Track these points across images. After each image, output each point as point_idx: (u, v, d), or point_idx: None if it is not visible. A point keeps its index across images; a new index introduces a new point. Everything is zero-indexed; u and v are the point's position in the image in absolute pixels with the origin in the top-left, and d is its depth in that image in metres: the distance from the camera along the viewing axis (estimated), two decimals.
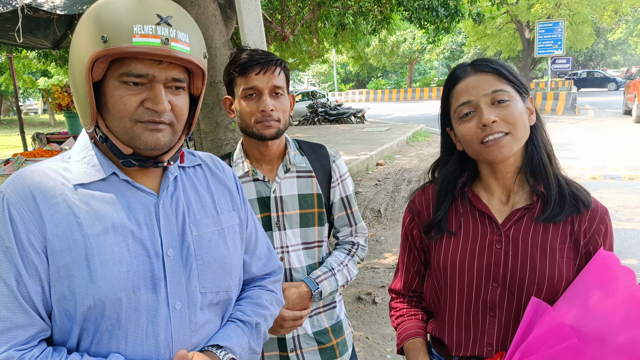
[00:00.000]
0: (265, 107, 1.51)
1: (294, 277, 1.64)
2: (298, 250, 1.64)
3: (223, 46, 3.87)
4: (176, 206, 1.09)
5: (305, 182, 1.65)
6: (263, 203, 1.62)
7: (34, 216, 0.94)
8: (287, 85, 1.60)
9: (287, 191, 1.62)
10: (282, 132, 1.57)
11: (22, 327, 0.92)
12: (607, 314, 1.05)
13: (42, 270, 0.94)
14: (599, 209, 1.19)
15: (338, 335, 1.71)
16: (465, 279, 1.23)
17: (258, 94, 1.53)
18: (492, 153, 1.15)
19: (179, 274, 1.05)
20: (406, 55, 37.57)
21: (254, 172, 1.62)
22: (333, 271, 1.65)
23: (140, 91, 0.97)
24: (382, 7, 9.29)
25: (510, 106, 1.14)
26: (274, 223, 1.62)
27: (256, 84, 1.52)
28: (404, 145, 12.50)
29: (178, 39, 0.95)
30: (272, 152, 1.63)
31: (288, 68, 1.63)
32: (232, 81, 1.60)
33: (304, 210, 1.63)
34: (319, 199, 1.65)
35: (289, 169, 1.63)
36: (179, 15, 0.98)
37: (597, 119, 16.53)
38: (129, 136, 0.99)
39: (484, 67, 1.17)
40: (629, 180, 7.66)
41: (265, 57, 1.53)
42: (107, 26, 0.92)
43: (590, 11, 26.44)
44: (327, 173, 1.68)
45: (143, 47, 0.92)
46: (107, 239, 0.97)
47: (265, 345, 1.67)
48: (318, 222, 1.66)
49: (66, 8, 4.74)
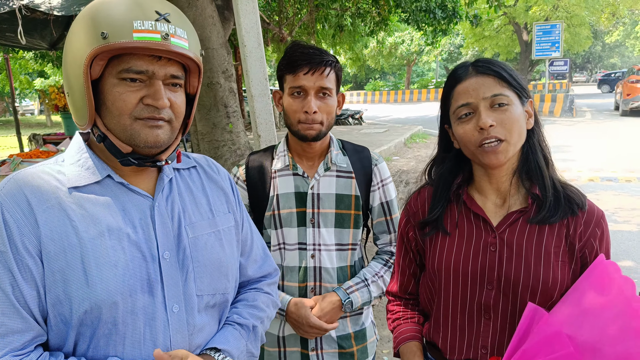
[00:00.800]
0: (308, 109, 1.52)
1: (324, 276, 1.64)
2: (331, 251, 1.64)
3: (220, 47, 3.87)
4: (172, 208, 1.08)
5: (345, 182, 1.64)
6: (300, 198, 1.63)
7: (28, 220, 0.93)
8: (337, 85, 1.60)
9: (325, 189, 1.63)
10: (324, 134, 1.58)
11: (18, 332, 0.91)
12: (604, 323, 1.04)
13: (37, 274, 0.93)
14: (595, 213, 1.19)
15: (360, 342, 1.71)
16: (459, 282, 1.23)
17: (304, 94, 1.54)
18: (488, 158, 1.15)
19: (175, 277, 1.04)
20: (404, 56, 37.62)
21: (295, 166, 1.64)
22: (366, 282, 1.64)
23: (140, 88, 0.97)
24: (380, 8, 9.31)
25: (508, 110, 1.14)
26: (309, 219, 1.62)
27: (303, 83, 1.52)
28: (402, 147, 12.50)
29: (177, 35, 0.96)
30: (315, 150, 1.64)
31: (341, 67, 1.62)
32: (282, 77, 1.60)
33: (340, 210, 1.63)
34: (357, 200, 1.65)
35: (329, 168, 1.64)
36: (175, 13, 0.99)
37: (594, 121, 16.57)
38: (129, 134, 0.98)
39: (486, 70, 1.17)
40: (626, 182, 7.68)
41: (317, 57, 1.52)
42: (106, 23, 0.91)
43: (587, 13, 26.56)
44: (368, 176, 1.67)
45: (144, 42, 0.92)
46: (102, 243, 0.96)
47: (288, 340, 1.68)
48: (354, 225, 1.65)
49: (63, 9, 4.73)
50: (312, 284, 1.64)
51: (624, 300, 1.04)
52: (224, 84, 3.85)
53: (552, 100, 19.05)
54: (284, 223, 1.64)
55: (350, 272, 1.68)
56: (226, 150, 3.94)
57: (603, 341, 1.02)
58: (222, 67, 3.85)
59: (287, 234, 1.64)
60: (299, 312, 1.58)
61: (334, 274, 1.64)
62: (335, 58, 1.58)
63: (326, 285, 1.64)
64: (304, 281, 1.64)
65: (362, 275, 1.66)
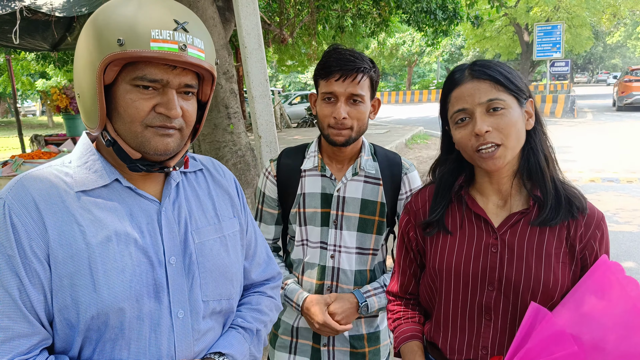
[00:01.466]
0: (338, 115, 1.52)
1: (341, 277, 1.65)
2: (351, 254, 1.65)
3: (221, 49, 3.88)
4: (178, 213, 1.07)
5: (372, 188, 1.65)
6: (325, 199, 1.65)
7: (36, 223, 0.92)
8: (372, 91, 1.59)
9: (351, 193, 1.64)
10: (353, 140, 1.58)
11: (24, 336, 0.90)
12: (608, 322, 1.04)
13: (45, 278, 0.92)
14: (595, 215, 1.19)
15: (372, 344, 1.72)
16: (460, 282, 1.23)
17: (335, 100, 1.55)
18: (486, 163, 1.15)
19: (181, 282, 1.03)
20: (405, 57, 37.63)
21: (323, 167, 1.66)
22: (385, 288, 1.65)
23: (153, 95, 0.95)
24: (380, 9, 9.32)
25: (505, 115, 1.13)
26: (332, 220, 1.64)
27: (334, 89, 1.53)
28: (403, 148, 12.49)
29: (194, 45, 0.95)
30: (345, 155, 1.65)
31: (378, 72, 1.62)
32: (316, 81, 1.62)
33: (364, 215, 1.64)
34: (382, 207, 1.65)
35: (357, 172, 1.65)
36: (193, 22, 0.97)
37: (595, 121, 16.55)
38: (139, 141, 0.97)
39: (481, 74, 1.16)
40: (627, 183, 7.67)
41: (350, 64, 1.52)
42: (123, 30, 0.90)
43: (589, 14, 26.54)
44: (397, 184, 1.67)
45: (161, 52, 0.90)
46: (110, 247, 0.96)
47: (301, 333, 1.71)
48: (377, 231, 1.66)
49: (65, 10, 4.74)
50: (329, 283, 1.66)
51: (627, 300, 1.05)
52: (225, 85, 3.86)
53: (554, 101, 19.04)
54: (308, 221, 1.67)
55: (370, 276, 1.69)
56: (227, 151, 3.95)
57: (606, 340, 1.03)
58: (223, 68, 3.86)
59: (311, 232, 1.67)
60: (314, 308, 1.60)
61: (352, 276, 1.65)
62: (371, 63, 1.58)
63: (342, 286, 1.66)
64: (321, 279, 1.66)
65: (382, 280, 1.67)
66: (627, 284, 1.07)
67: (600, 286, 1.09)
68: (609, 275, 1.09)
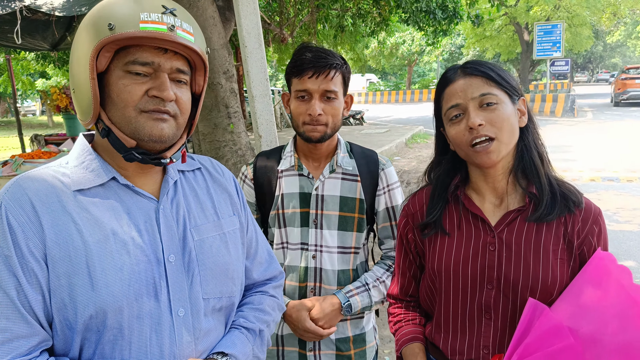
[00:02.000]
0: (313, 112, 1.53)
1: (324, 278, 1.64)
2: (333, 253, 1.64)
3: (221, 48, 3.88)
4: (177, 211, 1.07)
5: (350, 185, 1.65)
6: (304, 198, 1.64)
7: (33, 224, 0.92)
8: (344, 87, 1.60)
9: (330, 191, 1.63)
10: (329, 136, 1.59)
11: (24, 337, 0.90)
12: (604, 314, 1.05)
13: (43, 278, 0.92)
14: (592, 210, 1.19)
15: (358, 346, 1.71)
16: (460, 282, 1.23)
17: (309, 97, 1.55)
18: (480, 158, 1.16)
19: (181, 280, 1.03)
20: (405, 57, 37.60)
21: (300, 166, 1.66)
22: (367, 286, 1.64)
23: (145, 81, 0.97)
24: (380, 9, 9.32)
25: (497, 109, 1.15)
26: (312, 220, 1.63)
27: (308, 86, 1.54)
28: (403, 147, 12.50)
29: (183, 28, 0.97)
30: (321, 152, 1.65)
31: (349, 68, 1.63)
32: (289, 80, 1.62)
33: (344, 213, 1.63)
34: (361, 204, 1.64)
35: (334, 170, 1.64)
36: (181, 10, 1.00)
37: (595, 120, 16.55)
38: (133, 126, 0.97)
39: (473, 71, 1.18)
40: (627, 182, 7.67)
41: (322, 61, 1.53)
42: (114, 16, 0.93)
43: (589, 13, 26.52)
44: (374, 180, 1.67)
45: (150, 32, 0.92)
46: (107, 246, 0.95)
47: (287, 340, 1.69)
48: (357, 228, 1.65)
49: (65, 10, 4.74)
50: (312, 284, 1.64)
51: (621, 290, 1.06)
52: (225, 85, 3.85)
53: (554, 100, 19.05)
54: (288, 222, 1.65)
55: (352, 276, 1.68)
56: (227, 151, 3.95)
57: (602, 331, 1.03)
58: (223, 68, 3.86)
59: (290, 234, 1.65)
60: (296, 314, 1.58)
61: (334, 276, 1.64)
62: (342, 60, 1.59)
63: (326, 287, 1.64)
64: (304, 281, 1.65)
65: (364, 279, 1.65)
66: (619, 274, 1.08)
67: (595, 278, 1.10)
68: (603, 266, 1.10)
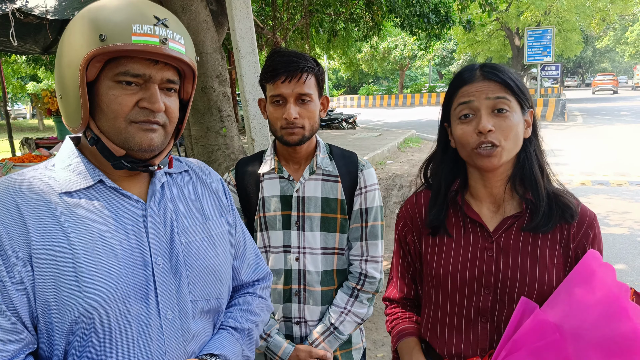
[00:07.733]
0: (288, 116, 1.53)
1: (307, 280, 1.64)
2: (316, 254, 1.63)
3: (214, 52, 3.87)
4: (164, 214, 1.07)
5: (331, 186, 1.65)
6: (285, 201, 1.64)
7: (17, 225, 0.91)
8: (318, 89, 1.60)
9: (311, 192, 1.63)
10: (307, 138, 1.59)
11: (9, 340, 0.88)
12: (587, 309, 1.07)
13: (28, 280, 0.91)
14: (587, 214, 1.21)
15: (344, 347, 1.71)
16: (457, 286, 1.24)
17: (284, 101, 1.55)
18: (482, 161, 1.16)
19: (169, 283, 1.03)
20: (397, 61, 37.79)
21: (280, 169, 1.66)
22: (332, 327, 1.63)
23: (136, 91, 0.97)
24: (373, 13, 9.36)
25: (508, 118, 1.15)
26: (294, 222, 1.63)
27: (282, 91, 1.53)
28: (395, 151, 12.54)
29: (175, 40, 0.97)
30: (300, 154, 1.65)
31: (322, 70, 1.62)
32: (263, 86, 1.62)
33: (326, 214, 1.63)
34: (342, 205, 1.64)
35: (314, 171, 1.64)
36: (173, 20, 1.00)
37: (586, 125, 16.71)
38: (123, 137, 0.97)
39: (492, 76, 1.17)
40: (617, 186, 7.74)
41: (294, 65, 1.52)
42: (105, 26, 0.91)
43: (578, 19, 26.82)
44: (354, 181, 1.67)
45: (142, 45, 0.92)
46: (94, 249, 0.95)
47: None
48: (340, 229, 1.65)
49: (57, 13, 4.72)
50: (297, 287, 1.64)
51: (604, 287, 1.08)
52: (217, 89, 3.85)
53: (544, 104, 19.21)
54: (270, 226, 1.65)
55: (337, 277, 1.68)
56: (220, 155, 3.94)
57: (587, 327, 1.06)
58: (216, 72, 3.85)
59: (273, 237, 1.65)
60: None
61: (318, 277, 1.64)
62: (315, 62, 1.59)
63: (310, 288, 1.64)
64: (288, 284, 1.65)
65: (328, 320, 1.64)
66: (603, 271, 1.10)
67: (580, 276, 1.12)
68: (587, 265, 1.12)
